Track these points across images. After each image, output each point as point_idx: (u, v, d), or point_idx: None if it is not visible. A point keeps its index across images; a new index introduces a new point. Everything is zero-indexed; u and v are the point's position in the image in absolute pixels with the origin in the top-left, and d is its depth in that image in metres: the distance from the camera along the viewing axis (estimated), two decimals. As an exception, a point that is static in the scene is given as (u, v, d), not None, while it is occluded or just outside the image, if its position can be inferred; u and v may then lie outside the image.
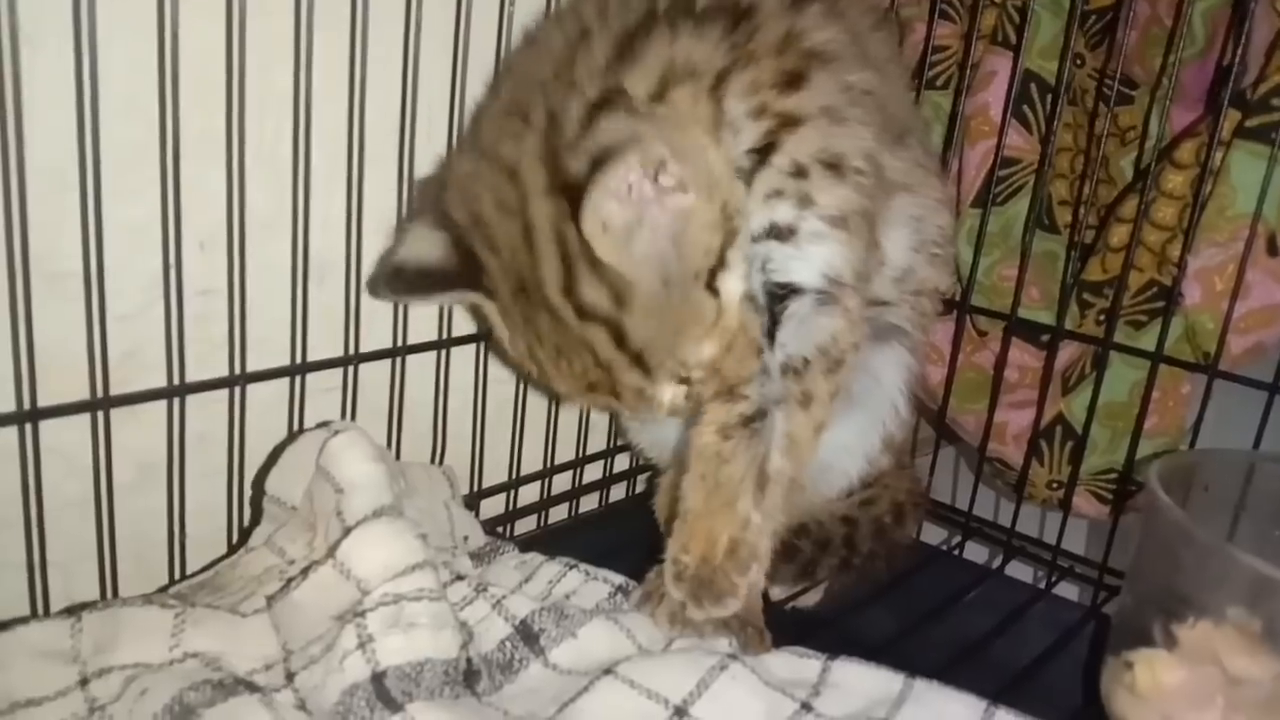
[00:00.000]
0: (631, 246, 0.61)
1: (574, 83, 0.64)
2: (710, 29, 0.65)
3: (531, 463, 0.91)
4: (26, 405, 0.58)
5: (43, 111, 0.56)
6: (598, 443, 0.99)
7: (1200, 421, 0.83)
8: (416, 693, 0.55)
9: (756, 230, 0.67)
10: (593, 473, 0.99)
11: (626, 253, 0.61)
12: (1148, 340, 0.87)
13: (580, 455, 0.97)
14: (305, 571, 0.59)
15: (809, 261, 0.67)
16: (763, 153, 0.65)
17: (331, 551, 0.59)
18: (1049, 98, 0.93)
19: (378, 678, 0.54)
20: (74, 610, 0.56)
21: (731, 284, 0.65)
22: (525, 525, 0.92)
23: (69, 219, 0.59)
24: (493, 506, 0.89)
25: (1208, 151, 0.80)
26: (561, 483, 0.95)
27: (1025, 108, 0.93)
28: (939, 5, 0.94)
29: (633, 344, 0.63)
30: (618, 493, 1.02)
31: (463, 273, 0.66)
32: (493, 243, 0.65)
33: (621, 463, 1.02)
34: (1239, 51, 0.77)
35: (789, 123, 0.64)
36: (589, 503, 0.99)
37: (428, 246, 0.67)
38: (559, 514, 0.96)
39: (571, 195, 0.59)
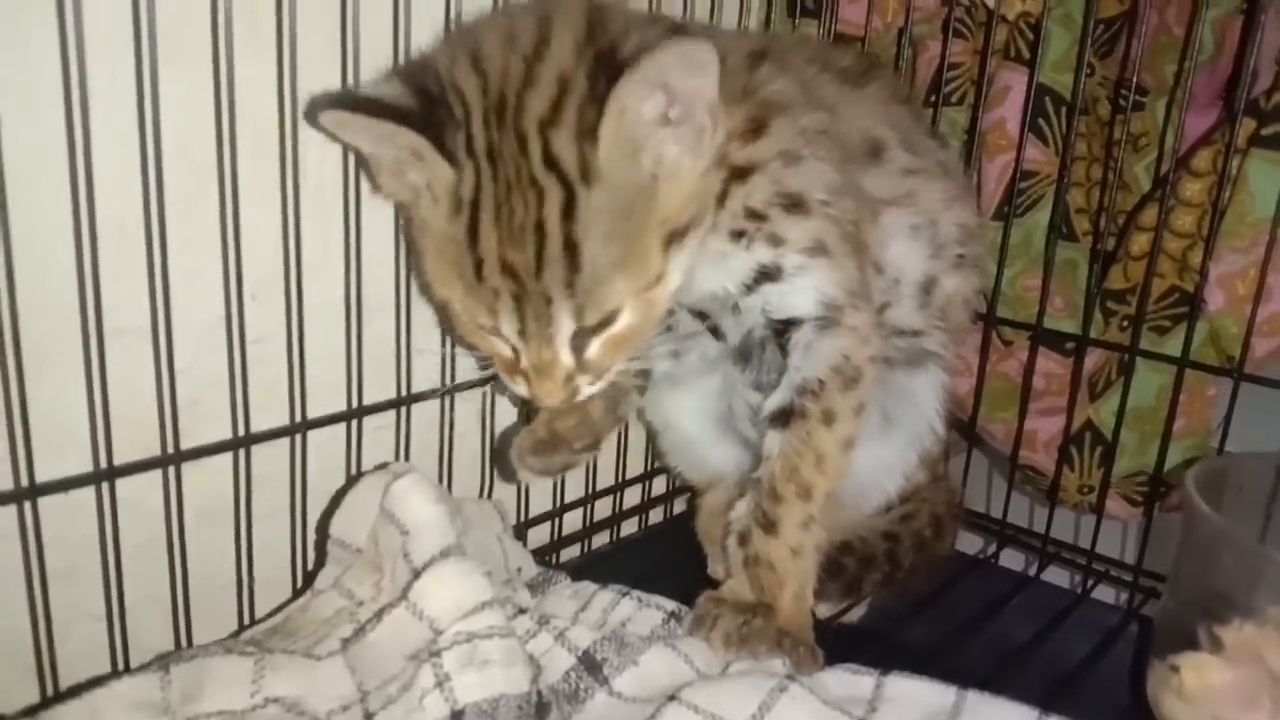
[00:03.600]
0: (626, 148, 0.61)
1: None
2: None
3: (573, 490, 0.93)
4: (103, 465, 0.60)
5: (96, 164, 0.57)
6: (635, 467, 1.01)
7: (1228, 424, 0.85)
8: (493, 728, 0.57)
9: (748, 277, 0.71)
10: (631, 497, 1.01)
11: (619, 147, 0.60)
12: (1172, 345, 0.89)
13: (619, 480, 0.98)
14: (379, 613, 0.61)
15: (800, 293, 0.71)
16: (719, 199, 0.68)
17: (404, 593, 0.61)
18: (1063, 110, 0.95)
19: (457, 715, 0.56)
20: (162, 660, 0.58)
21: (674, 275, 0.66)
22: (569, 553, 0.94)
23: (124, 274, 0.60)
24: (537, 536, 0.91)
25: (1225, 160, 0.82)
26: (602, 508, 0.97)
27: (1040, 120, 0.95)
28: (952, 23, 0.96)
29: (576, 227, 0.60)
30: (656, 516, 1.04)
31: (415, 113, 0.61)
32: (480, 65, 0.62)
33: (659, 486, 1.03)
34: (1251, 60, 0.79)
35: (737, 175, 0.68)
36: (628, 527, 1.01)
37: (389, 91, 0.63)
38: (600, 539, 0.97)
39: (610, 63, 0.59)
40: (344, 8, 0.66)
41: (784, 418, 0.74)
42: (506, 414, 0.86)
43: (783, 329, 0.73)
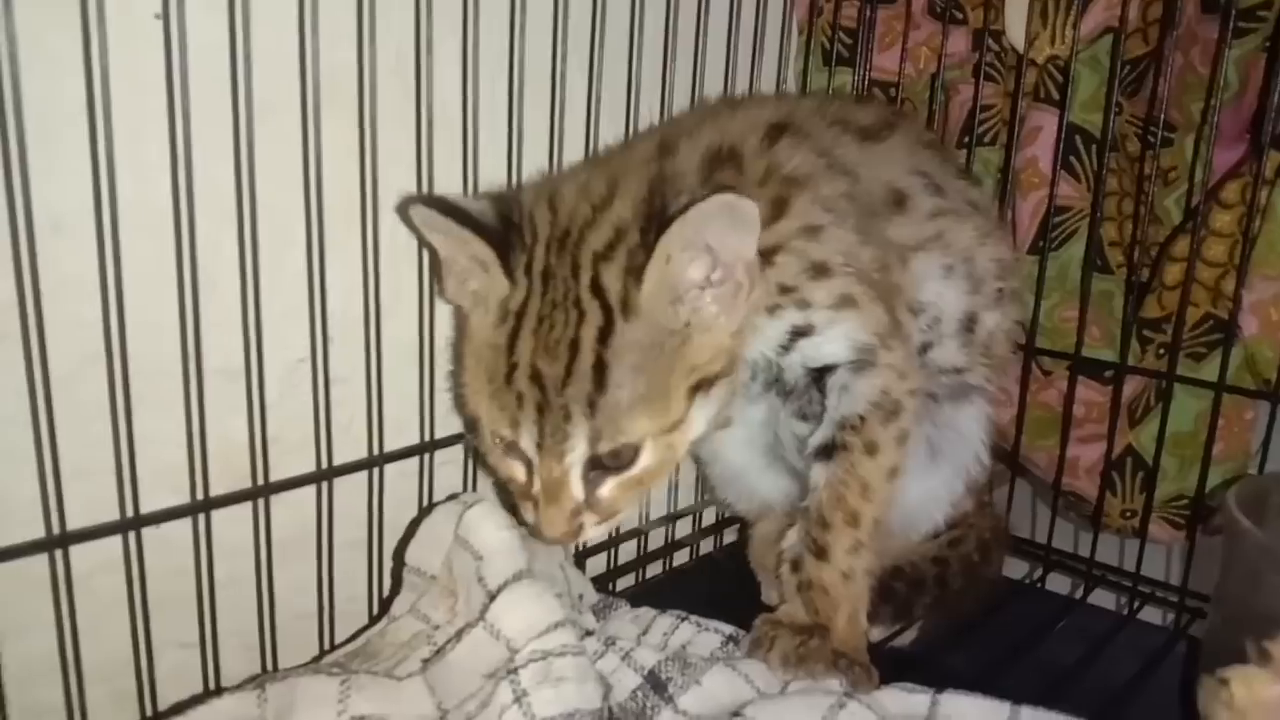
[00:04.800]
0: (665, 295, 0.65)
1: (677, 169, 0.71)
2: (729, 172, 0.73)
3: (627, 521, 0.96)
4: (200, 497, 0.65)
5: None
6: (686, 499, 1.04)
7: (1267, 445, 0.87)
8: (569, 741, 0.60)
9: (783, 339, 0.74)
10: (683, 528, 1.04)
11: (660, 292, 0.65)
12: (1209, 371, 0.92)
13: (671, 511, 1.01)
14: (459, 634, 0.65)
15: (834, 341, 0.74)
16: None
17: (481, 614, 0.64)
18: (1094, 147, 0.98)
19: (536, 729, 0.59)
20: (258, 680, 0.62)
21: (699, 421, 0.70)
22: (624, 582, 0.97)
23: (213, 320, 0.65)
24: (594, 566, 0.94)
25: (1253, 192, 0.85)
26: (654, 539, 1.00)
27: (1072, 158, 0.98)
28: (983, 68, 1.00)
29: (608, 352, 0.64)
30: (706, 546, 1.06)
31: (492, 229, 0.67)
32: (555, 206, 0.69)
33: (709, 517, 1.06)
34: (1276, 96, 0.83)
35: (764, 256, 0.71)
36: (680, 557, 1.03)
37: (477, 206, 0.69)
38: (653, 569, 1.00)
39: (661, 217, 0.64)
40: (418, 76, 0.71)
41: (827, 451, 0.78)
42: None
43: (819, 375, 0.77)
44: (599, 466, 0.67)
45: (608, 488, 0.68)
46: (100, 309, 0.59)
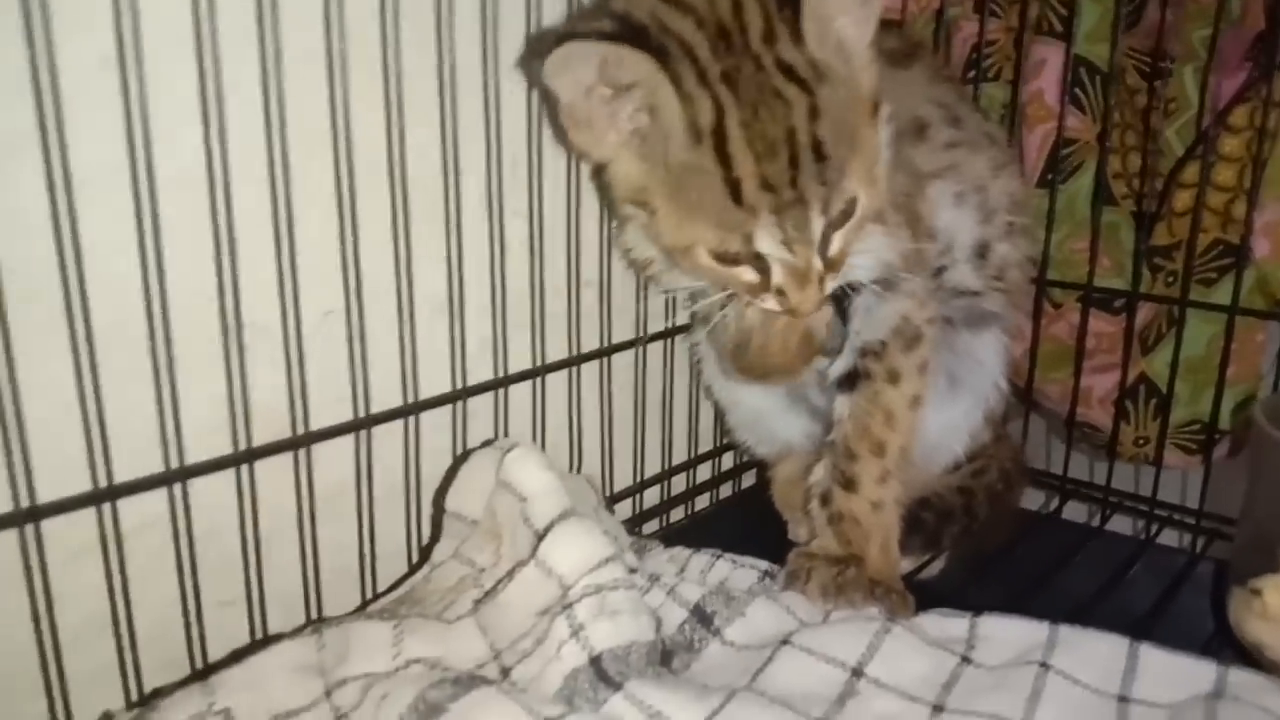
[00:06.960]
0: (823, 37, 0.63)
1: None
2: None
3: (651, 467, 0.97)
4: (243, 447, 0.64)
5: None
6: (705, 443, 1.05)
7: (1281, 365, 0.89)
8: (628, 671, 0.60)
9: None
10: (703, 473, 1.04)
11: (819, 38, 0.63)
12: (1220, 295, 0.93)
13: (692, 456, 1.02)
14: (510, 573, 0.65)
15: (859, 256, 0.73)
16: None
17: (532, 553, 0.65)
18: (1098, 79, 0.99)
19: (595, 660, 0.60)
20: (315, 625, 0.62)
21: (883, 144, 0.68)
22: (649, 527, 0.97)
23: (249, 275, 0.64)
24: (620, 511, 0.94)
25: (1264, 115, 0.86)
26: (677, 484, 1.01)
27: (1077, 90, 0.99)
28: (987, 5, 1.00)
29: (819, 126, 0.63)
30: (726, 490, 1.07)
31: (634, 37, 0.63)
32: (682, 3, 0.65)
33: (728, 461, 1.07)
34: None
35: None
36: (700, 502, 1.04)
37: (595, 24, 0.65)
38: (676, 514, 1.01)
39: None
40: (439, 29, 0.70)
41: (850, 381, 0.78)
42: (591, 398, 0.90)
43: (843, 295, 0.77)
44: (828, 229, 0.66)
45: (835, 245, 0.67)
46: (139, 265, 0.58)
